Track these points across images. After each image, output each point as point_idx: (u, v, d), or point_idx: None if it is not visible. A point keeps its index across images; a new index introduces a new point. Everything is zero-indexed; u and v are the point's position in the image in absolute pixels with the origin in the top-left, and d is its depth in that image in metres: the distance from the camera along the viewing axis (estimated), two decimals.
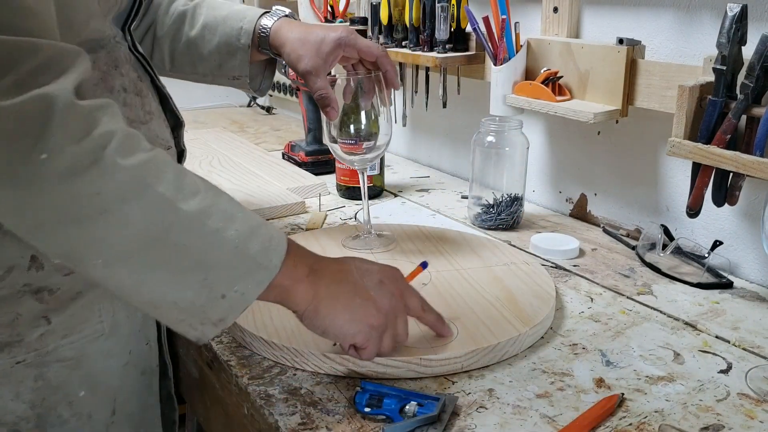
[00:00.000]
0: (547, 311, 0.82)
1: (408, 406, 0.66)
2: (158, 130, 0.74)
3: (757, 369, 0.75)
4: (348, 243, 1.03)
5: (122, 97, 0.69)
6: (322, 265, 0.66)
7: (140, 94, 0.72)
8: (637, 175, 1.13)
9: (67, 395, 0.72)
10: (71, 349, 0.71)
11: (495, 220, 1.15)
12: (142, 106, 0.72)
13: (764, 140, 0.83)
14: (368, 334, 0.66)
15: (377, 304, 0.66)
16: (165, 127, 0.77)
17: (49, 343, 0.69)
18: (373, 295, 0.66)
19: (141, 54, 0.73)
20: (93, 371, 0.73)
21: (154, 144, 0.72)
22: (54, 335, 0.70)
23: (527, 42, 1.16)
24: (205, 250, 0.57)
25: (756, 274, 0.99)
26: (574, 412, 0.68)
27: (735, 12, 0.83)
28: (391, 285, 0.68)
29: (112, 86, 0.68)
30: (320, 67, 0.87)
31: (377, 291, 0.66)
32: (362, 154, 0.94)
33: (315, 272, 0.64)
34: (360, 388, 0.69)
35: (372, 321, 0.66)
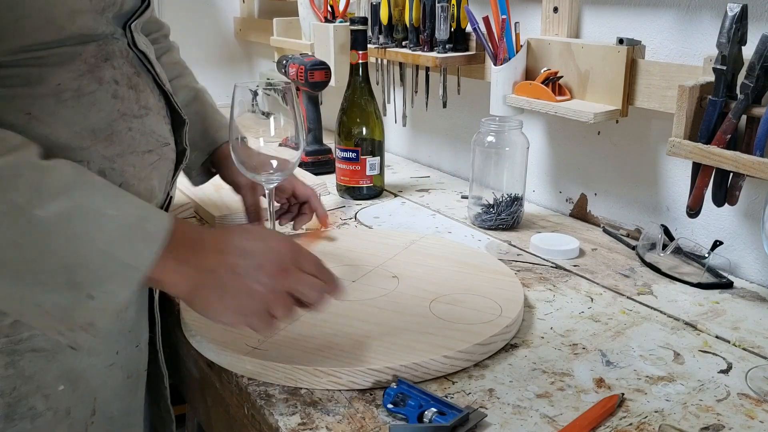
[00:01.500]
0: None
1: (427, 412, 0.66)
2: (154, 126, 0.74)
3: (757, 369, 0.75)
4: None
5: (113, 88, 0.69)
6: (199, 251, 0.63)
7: (135, 88, 0.72)
8: (637, 175, 1.13)
9: (41, 387, 0.70)
10: (47, 341, 0.69)
11: (495, 220, 1.15)
12: (137, 100, 0.72)
13: (764, 140, 0.83)
14: (246, 321, 0.65)
15: (251, 291, 0.64)
16: (164, 124, 0.77)
17: (23, 331, 0.68)
18: (248, 283, 0.63)
19: (141, 51, 0.74)
20: (73, 367, 0.72)
21: (149, 139, 0.73)
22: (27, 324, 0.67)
23: (527, 42, 1.16)
24: (68, 254, 0.56)
25: (756, 274, 0.99)
26: (574, 412, 0.68)
27: (735, 12, 0.83)
28: (272, 266, 0.65)
29: (101, 77, 0.68)
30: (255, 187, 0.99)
31: (254, 276, 0.64)
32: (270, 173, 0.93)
33: (190, 262, 0.62)
34: (395, 384, 0.69)
35: (245, 310, 0.64)
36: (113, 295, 0.58)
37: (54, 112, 0.65)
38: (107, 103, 0.69)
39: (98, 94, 0.68)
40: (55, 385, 0.71)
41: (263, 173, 0.91)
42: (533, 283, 0.96)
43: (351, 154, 1.28)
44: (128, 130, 0.71)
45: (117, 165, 0.70)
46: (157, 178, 0.75)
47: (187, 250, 0.63)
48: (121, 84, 0.71)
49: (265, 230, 0.70)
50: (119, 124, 0.70)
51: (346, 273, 0.93)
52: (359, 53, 1.26)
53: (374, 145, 1.30)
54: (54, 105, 0.65)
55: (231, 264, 0.63)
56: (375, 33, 1.41)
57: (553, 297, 0.92)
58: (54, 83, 0.65)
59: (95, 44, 0.68)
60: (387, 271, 0.94)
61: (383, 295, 0.87)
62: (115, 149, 0.69)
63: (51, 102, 0.65)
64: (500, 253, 1.06)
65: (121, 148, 0.70)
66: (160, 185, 0.76)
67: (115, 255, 0.57)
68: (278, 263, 0.65)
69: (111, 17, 0.69)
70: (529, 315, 0.87)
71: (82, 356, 0.72)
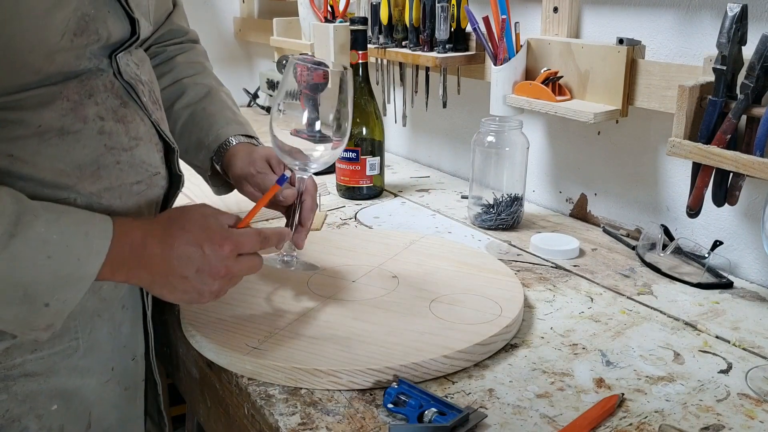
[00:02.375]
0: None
1: (427, 412, 0.66)
2: (145, 156, 0.73)
3: (757, 369, 0.75)
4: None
5: (98, 125, 0.68)
6: (142, 262, 0.67)
7: (123, 120, 0.71)
8: (637, 175, 1.13)
9: (34, 408, 0.70)
10: (40, 364, 0.69)
11: (495, 220, 1.15)
12: (126, 132, 0.71)
13: (764, 140, 0.83)
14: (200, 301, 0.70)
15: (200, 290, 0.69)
16: (155, 152, 0.75)
17: (16, 357, 0.68)
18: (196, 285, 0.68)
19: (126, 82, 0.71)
20: (66, 386, 0.72)
21: (138, 170, 0.72)
22: (21, 349, 0.68)
23: (527, 42, 1.16)
24: (21, 276, 0.59)
25: (756, 274, 0.99)
26: (574, 412, 0.68)
27: (735, 12, 0.83)
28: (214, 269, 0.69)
29: (85, 116, 0.67)
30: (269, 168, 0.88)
31: (199, 280, 0.68)
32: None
33: (134, 270, 0.66)
34: (395, 384, 0.69)
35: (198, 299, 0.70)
36: (67, 301, 0.62)
37: (37, 152, 0.65)
38: (93, 139, 0.68)
39: (83, 132, 0.67)
40: (48, 405, 0.71)
41: (299, 160, 0.80)
42: (533, 283, 0.96)
43: (351, 154, 1.28)
44: (116, 164, 0.70)
45: (104, 200, 0.69)
46: (145, 206, 0.74)
47: (132, 262, 0.66)
48: (107, 119, 0.69)
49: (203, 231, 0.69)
50: (106, 159, 0.69)
51: (346, 273, 0.93)
52: (359, 53, 1.26)
53: (374, 145, 1.30)
54: (37, 145, 0.64)
55: (175, 270, 0.67)
56: (375, 33, 1.41)
57: (553, 297, 0.92)
58: (35, 125, 0.64)
59: (77, 80, 0.67)
60: (387, 271, 0.94)
61: (383, 295, 0.87)
62: (103, 184, 0.69)
63: (33, 142, 0.64)
64: (500, 253, 1.06)
65: (108, 182, 0.69)
66: (149, 210, 0.75)
67: (64, 272, 0.61)
68: (219, 266, 0.68)
69: (95, 50, 0.67)
70: (529, 315, 0.87)
71: (75, 377, 0.72)
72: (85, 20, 0.65)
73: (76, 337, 0.71)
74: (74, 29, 0.64)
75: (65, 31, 0.63)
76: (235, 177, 0.89)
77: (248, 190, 0.88)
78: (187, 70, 0.96)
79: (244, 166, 0.88)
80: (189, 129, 0.94)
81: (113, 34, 0.68)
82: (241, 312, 0.83)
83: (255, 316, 0.82)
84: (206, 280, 0.68)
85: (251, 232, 0.71)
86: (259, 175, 0.86)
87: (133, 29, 0.71)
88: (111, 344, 0.76)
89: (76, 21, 0.64)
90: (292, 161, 0.81)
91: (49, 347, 0.69)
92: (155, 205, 0.77)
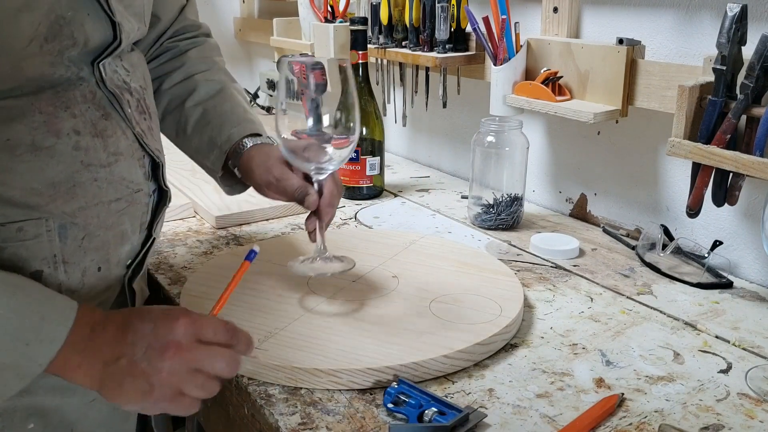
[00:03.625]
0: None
1: (427, 411, 0.66)
2: (125, 172, 0.69)
3: (757, 369, 0.75)
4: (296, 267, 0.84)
5: (74, 140, 0.64)
6: (98, 344, 0.59)
7: (102, 135, 0.67)
8: (637, 175, 1.13)
9: (8, 426, 0.67)
10: None
11: (495, 220, 1.15)
12: (104, 147, 0.67)
13: (764, 140, 0.83)
14: (155, 406, 0.60)
15: (148, 378, 0.58)
16: (138, 168, 0.72)
17: None
18: (142, 368, 0.58)
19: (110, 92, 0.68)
20: (44, 404, 0.69)
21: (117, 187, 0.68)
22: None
23: (527, 42, 1.16)
24: None
25: (756, 274, 0.99)
26: (574, 412, 0.68)
27: (735, 12, 0.83)
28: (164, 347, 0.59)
29: (59, 130, 0.63)
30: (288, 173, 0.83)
31: (144, 361, 0.59)
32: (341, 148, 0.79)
33: (88, 357, 0.59)
34: (395, 384, 0.69)
35: (149, 396, 0.59)
36: (5, 387, 0.57)
37: (7, 169, 0.61)
38: (67, 155, 0.64)
39: (57, 147, 0.63)
40: (24, 424, 0.68)
41: (314, 162, 0.78)
42: (533, 283, 0.96)
43: None
44: (93, 181, 0.66)
45: (79, 219, 0.66)
46: (129, 223, 0.72)
47: (88, 346, 0.59)
48: (83, 134, 0.65)
49: (164, 311, 0.62)
50: (82, 176, 0.65)
51: (347, 273, 0.93)
52: (359, 53, 1.26)
53: (374, 145, 1.30)
54: (6, 161, 0.60)
55: (126, 352, 0.59)
56: (375, 33, 1.41)
57: (552, 297, 0.92)
58: (3, 138, 0.60)
59: (51, 91, 0.62)
60: (387, 271, 0.94)
61: (383, 295, 0.88)
62: (78, 203, 0.65)
63: (3, 158, 0.60)
64: (500, 253, 1.06)
65: (84, 200, 0.66)
66: (133, 228, 0.73)
67: (5, 356, 0.55)
68: (170, 342, 0.59)
69: (74, 57, 0.63)
70: (529, 315, 0.87)
71: (54, 396, 0.69)
72: (59, 23, 0.61)
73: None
74: (45, 34, 0.60)
75: (34, 36, 0.59)
76: (256, 185, 0.87)
77: (272, 196, 0.87)
78: (198, 66, 0.94)
79: (262, 174, 0.85)
80: (201, 128, 0.91)
81: (92, 39, 0.64)
82: (241, 312, 0.83)
83: (255, 316, 0.82)
84: (154, 361, 0.58)
85: (216, 319, 0.63)
86: (280, 183, 0.83)
87: (115, 34, 0.67)
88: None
89: (49, 25, 0.60)
90: (306, 164, 0.79)
91: None
92: (140, 223, 0.74)
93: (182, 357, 0.59)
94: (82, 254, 0.67)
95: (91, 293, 0.70)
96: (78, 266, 0.68)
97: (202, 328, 0.60)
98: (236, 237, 1.12)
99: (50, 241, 0.65)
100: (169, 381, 0.58)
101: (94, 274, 0.70)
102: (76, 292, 0.68)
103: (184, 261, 1.03)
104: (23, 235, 0.63)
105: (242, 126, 0.90)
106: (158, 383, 0.58)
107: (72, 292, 0.67)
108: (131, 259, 0.75)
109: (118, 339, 0.59)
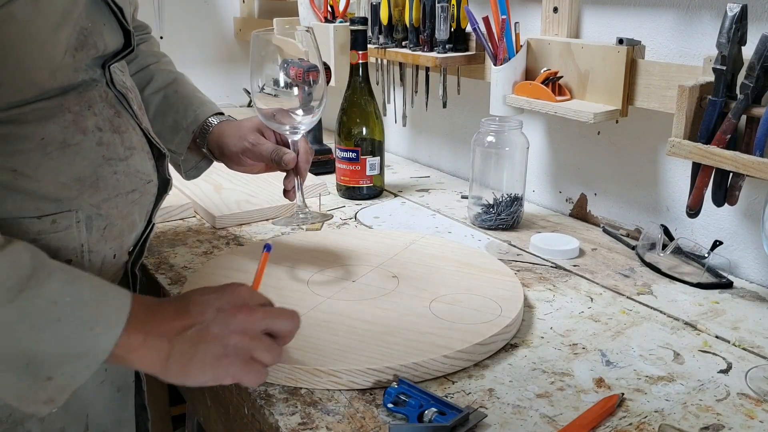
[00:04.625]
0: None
1: (427, 411, 0.66)
2: (139, 165, 0.74)
3: (757, 369, 0.75)
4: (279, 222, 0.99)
5: (97, 136, 0.68)
6: (159, 321, 0.61)
7: (118, 131, 0.71)
8: (637, 175, 1.13)
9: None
10: None
11: (495, 220, 1.15)
12: (122, 142, 0.71)
13: (764, 140, 0.83)
14: (228, 372, 0.62)
15: (222, 340, 0.61)
16: (148, 159, 0.76)
17: None
18: (215, 331, 0.61)
19: (119, 91, 0.72)
20: None
21: (133, 179, 0.72)
22: None
23: (527, 42, 1.16)
24: (27, 342, 0.55)
25: (756, 274, 0.99)
26: (574, 412, 0.68)
27: (735, 12, 0.83)
28: (233, 308, 0.63)
29: (85, 127, 0.67)
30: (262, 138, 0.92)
31: (217, 324, 0.62)
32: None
33: (151, 334, 0.60)
34: (395, 384, 0.69)
35: (223, 360, 0.61)
36: (72, 378, 0.58)
37: (39, 166, 0.64)
38: (92, 151, 0.68)
39: (84, 144, 0.67)
40: None
41: (286, 122, 0.89)
42: (533, 283, 0.96)
43: (351, 154, 1.29)
44: (113, 174, 0.70)
45: (103, 210, 0.70)
46: (138, 212, 0.75)
47: (149, 324, 0.60)
48: (104, 130, 0.69)
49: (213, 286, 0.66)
50: (104, 170, 0.69)
51: (346, 273, 0.93)
52: (359, 53, 1.26)
53: (374, 145, 1.30)
54: (39, 158, 0.64)
55: (194, 321, 0.61)
56: (375, 33, 1.41)
57: (553, 297, 0.92)
58: (38, 138, 0.64)
59: (75, 92, 0.67)
60: (387, 271, 0.94)
61: (383, 295, 0.88)
62: (102, 195, 0.69)
63: (36, 156, 0.64)
64: (500, 253, 1.06)
65: (107, 192, 0.70)
66: (140, 217, 0.76)
67: (73, 344, 0.57)
68: (238, 303, 0.63)
69: (90, 63, 0.68)
70: (529, 315, 0.87)
71: None
72: (84, 34, 0.65)
73: None
74: (75, 45, 0.64)
75: (67, 47, 0.63)
76: (232, 154, 0.93)
77: (248, 163, 0.93)
78: (150, 58, 0.98)
79: (236, 143, 0.92)
80: (163, 113, 0.95)
81: (109, 46, 0.69)
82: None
83: None
84: (228, 322, 0.61)
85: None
86: (256, 147, 0.91)
87: (127, 41, 0.71)
88: None
89: (76, 36, 0.64)
90: (279, 126, 0.89)
91: None
92: (146, 211, 0.77)
93: (253, 317, 0.62)
94: (103, 243, 0.71)
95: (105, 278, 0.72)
96: (99, 255, 0.71)
97: (259, 297, 0.66)
98: (236, 237, 1.12)
99: (79, 231, 0.68)
100: (243, 342, 0.61)
101: (110, 262, 0.73)
102: None
103: (184, 261, 1.03)
104: (56, 227, 0.67)
105: (206, 107, 0.97)
106: (233, 345, 0.61)
107: None
108: (133, 245, 0.78)
109: (181, 313, 0.62)
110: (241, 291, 0.65)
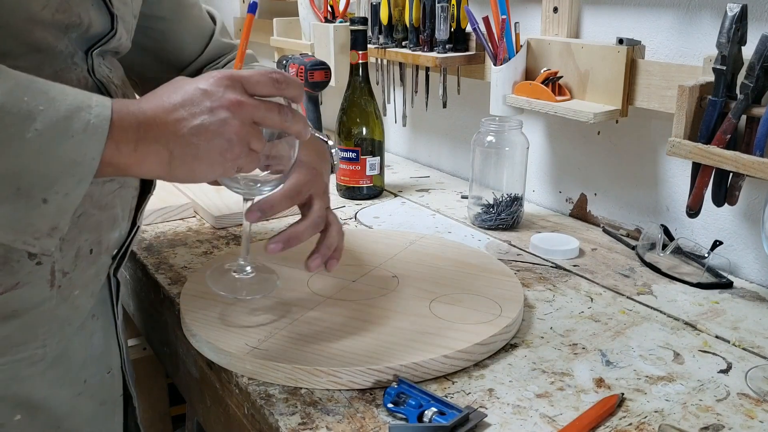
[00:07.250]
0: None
1: (427, 411, 0.66)
2: None
3: (757, 369, 0.75)
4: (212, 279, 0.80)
5: None
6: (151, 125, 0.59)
7: None
8: (637, 175, 1.13)
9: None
10: (1, 371, 0.66)
11: (495, 220, 1.15)
12: None
13: (764, 140, 0.83)
14: (235, 164, 0.62)
15: (220, 132, 0.60)
16: None
17: None
18: (213, 127, 0.59)
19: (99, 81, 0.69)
20: (31, 397, 0.69)
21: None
22: None
23: (527, 42, 1.16)
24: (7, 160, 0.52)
25: (756, 274, 0.99)
26: (574, 412, 0.68)
27: (735, 12, 0.83)
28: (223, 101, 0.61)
29: None
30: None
31: (214, 117, 0.60)
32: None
33: (145, 139, 0.58)
34: (395, 384, 0.69)
35: (227, 154, 0.61)
36: (68, 196, 0.55)
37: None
38: None
39: None
40: (11, 415, 0.68)
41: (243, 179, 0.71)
42: (533, 283, 0.96)
43: (351, 154, 1.29)
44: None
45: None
46: (120, 206, 0.73)
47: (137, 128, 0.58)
48: None
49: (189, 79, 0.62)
50: None
51: (346, 273, 0.93)
52: (359, 53, 1.26)
53: (374, 145, 1.30)
54: None
55: (186, 118, 0.59)
56: (375, 33, 1.41)
57: (552, 297, 0.92)
58: None
59: (51, 71, 0.64)
60: (387, 271, 0.95)
61: (383, 295, 0.88)
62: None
63: None
64: (500, 253, 1.06)
65: None
66: (123, 213, 0.74)
67: (56, 154, 0.53)
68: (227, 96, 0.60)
69: (74, 38, 0.65)
70: (529, 315, 0.87)
71: (41, 388, 0.70)
72: (68, 1, 0.63)
73: (42, 345, 0.69)
74: (57, 5, 0.62)
75: (47, 3, 0.61)
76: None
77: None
78: None
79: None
80: None
81: (94, 25, 0.67)
82: (241, 312, 0.83)
83: (255, 316, 0.82)
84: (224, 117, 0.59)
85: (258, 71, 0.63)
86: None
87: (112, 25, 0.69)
88: (82, 355, 0.73)
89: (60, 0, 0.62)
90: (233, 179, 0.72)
91: (12, 353, 0.67)
92: (130, 209, 0.75)
93: (241, 107, 0.60)
94: (77, 232, 0.69)
95: (82, 277, 0.71)
96: (73, 245, 0.68)
97: (252, 82, 0.62)
98: (236, 237, 1.12)
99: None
100: (242, 133, 0.61)
101: (86, 257, 0.71)
102: (68, 274, 0.69)
103: (184, 261, 1.03)
104: None
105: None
106: (235, 137, 0.60)
107: (64, 274, 0.68)
108: (117, 248, 0.76)
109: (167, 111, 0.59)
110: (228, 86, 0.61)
